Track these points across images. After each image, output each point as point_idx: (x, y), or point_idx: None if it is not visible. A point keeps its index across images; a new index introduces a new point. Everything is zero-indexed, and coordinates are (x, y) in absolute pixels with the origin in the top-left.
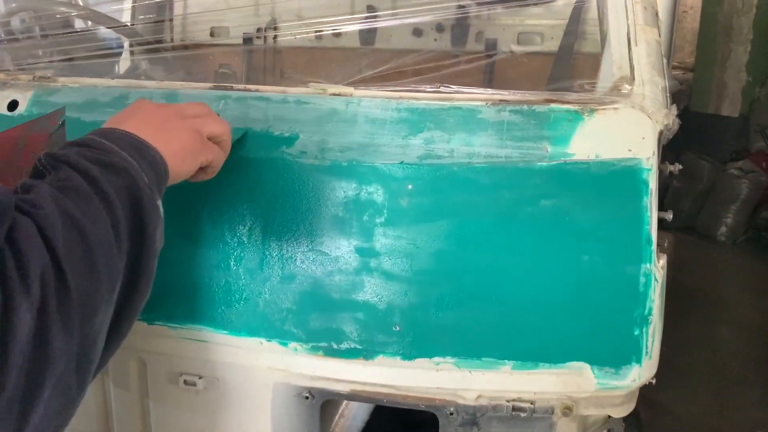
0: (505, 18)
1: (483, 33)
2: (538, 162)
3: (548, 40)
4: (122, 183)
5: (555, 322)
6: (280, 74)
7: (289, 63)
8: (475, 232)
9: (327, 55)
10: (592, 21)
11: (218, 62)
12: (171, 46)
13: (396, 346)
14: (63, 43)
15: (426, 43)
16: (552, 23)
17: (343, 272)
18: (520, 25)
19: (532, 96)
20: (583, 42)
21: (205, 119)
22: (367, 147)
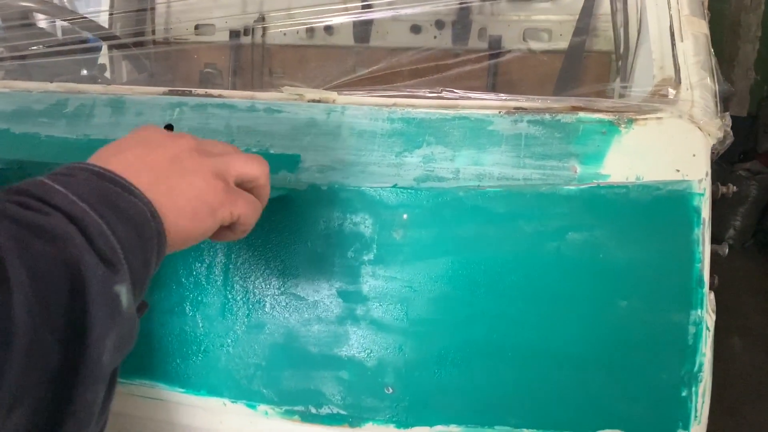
0: (510, 13)
1: (486, 30)
2: (564, 185)
3: (557, 37)
4: (57, 256)
5: (584, 382)
6: (269, 73)
7: (279, 62)
8: (486, 273)
9: (319, 53)
10: (603, 16)
11: (203, 61)
12: (152, 43)
13: (389, 411)
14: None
15: (425, 40)
16: (561, 19)
17: (323, 321)
18: (526, 21)
19: (555, 103)
20: (595, 39)
21: (231, 157)
22: (353, 166)
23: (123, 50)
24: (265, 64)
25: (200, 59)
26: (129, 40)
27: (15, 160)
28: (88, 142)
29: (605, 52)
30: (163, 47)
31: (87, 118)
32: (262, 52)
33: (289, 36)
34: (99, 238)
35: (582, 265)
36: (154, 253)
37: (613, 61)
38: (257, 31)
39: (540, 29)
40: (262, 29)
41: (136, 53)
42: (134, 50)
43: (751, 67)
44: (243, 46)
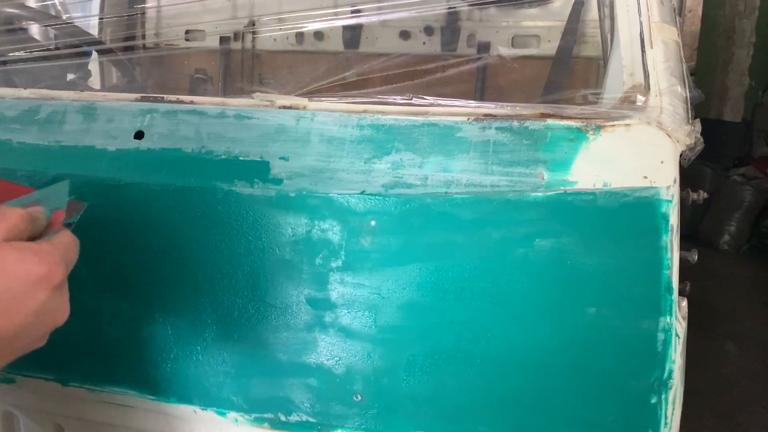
0: (498, 19)
1: (475, 35)
2: (532, 192)
3: (545, 42)
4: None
5: (554, 390)
6: (258, 79)
7: (269, 67)
8: (454, 279)
9: (308, 59)
10: (592, 23)
11: (194, 67)
12: (143, 48)
13: (358, 419)
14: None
15: (414, 46)
16: (549, 25)
17: (291, 328)
18: (514, 27)
19: (524, 110)
20: (584, 45)
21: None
22: (321, 173)
23: (109, 56)
24: (255, 70)
25: (190, 65)
26: (116, 45)
27: None
28: (60, 149)
29: (594, 57)
30: (152, 52)
31: (59, 125)
32: (252, 57)
33: (279, 42)
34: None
35: (550, 271)
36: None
37: (602, 67)
38: (247, 36)
39: (528, 35)
40: (252, 35)
41: (121, 59)
42: (120, 56)
43: (746, 73)
44: (233, 52)
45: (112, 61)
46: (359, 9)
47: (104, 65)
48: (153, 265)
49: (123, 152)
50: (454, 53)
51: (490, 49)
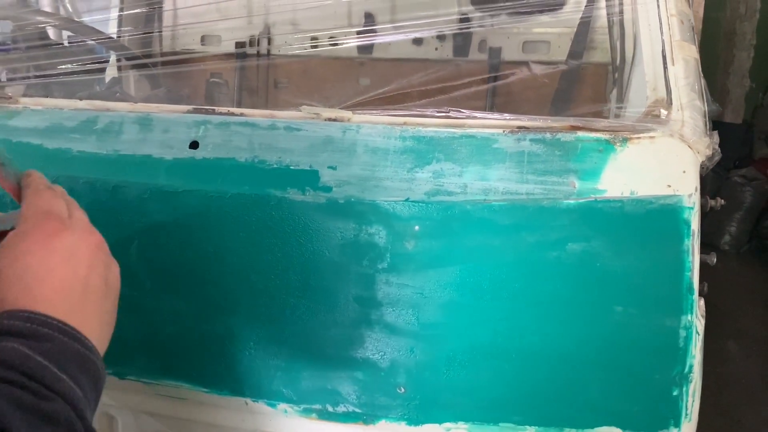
0: (509, 26)
1: (486, 41)
2: (564, 200)
3: (555, 49)
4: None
5: (583, 382)
6: (273, 84)
7: (284, 72)
8: (491, 280)
9: (323, 64)
10: (601, 29)
11: (209, 72)
12: (160, 54)
13: (400, 410)
14: (38, 58)
15: (426, 52)
16: (559, 31)
17: (339, 325)
18: (525, 33)
19: (556, 122)
20: (592, 51)
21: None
22: (368, 181)
23: (137, 66)
24: (270, 75)
25: (206, 70)
26: (139, 52)
27: (48, 174)
28: (118, 158)
29: (602, 63)
30: (170, 59)
31: (116, 135)
32: (267, 62)
33: (294, 46)
34: (86, 411)
35: (580, 273)
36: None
37: (610, 72)
38: (262, 41)
39: (539, 41)
40: (267, 41)
41: (152, 72)
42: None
43: (746, 75)
44: (248, 57)
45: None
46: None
47: (126, 74)
48: (209, 266)
49: (179, 161)
50: (465, 59)
51: (501, 54)
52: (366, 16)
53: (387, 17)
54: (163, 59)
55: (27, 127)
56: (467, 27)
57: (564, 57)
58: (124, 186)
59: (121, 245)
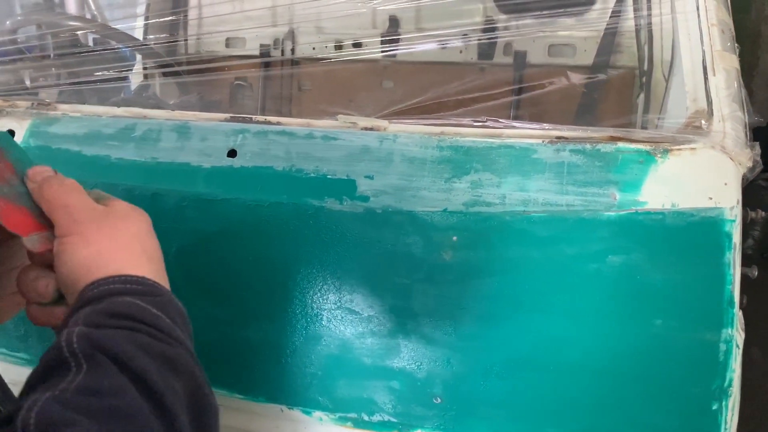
0: (535, 29)
1: (511, 45)
2: (605, 211)
3: (581, 52)
4: (187, 391)
5: (621, 396)
6: (297, 87)
7: (307, 75)
8: (530, 292)
9: (346, 66)
10: (628, 33)
11: (234, 74)
12: (185, 59)
13: (437, 420)
14: (72, 65)
15: (451, 55)
16: (585, 35)
17: (376, 334)
18: (551, 37)
19: (595, 133)
20: (618, 55)
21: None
22: (405, 191)
23: (166, 74)
24: (294, 77)
25: (231, 72)
26: (171, 60)
27: (87, 181)
28: (157, 165)
29: (629, 67)
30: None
31: (154, 142)
32: (291, 65)
33: (318, 49)
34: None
35: (620, 286)
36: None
37: (637, 77)
38: (287, 44)
39: (565, 45)
40: (291, 43)
41: (178, 76)
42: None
43: None
44: (272, 60)
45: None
46: (398, 29)
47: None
48: (247, 274)
49: (217, 169)
50: (490, 62)
51: (526, 58)
52: (390, 21)
53: (412, 21)
54: (188, 61)
55: (66, 134)
56: (493, 34)
57: (590, 61)
58: (163, 193)
59: None
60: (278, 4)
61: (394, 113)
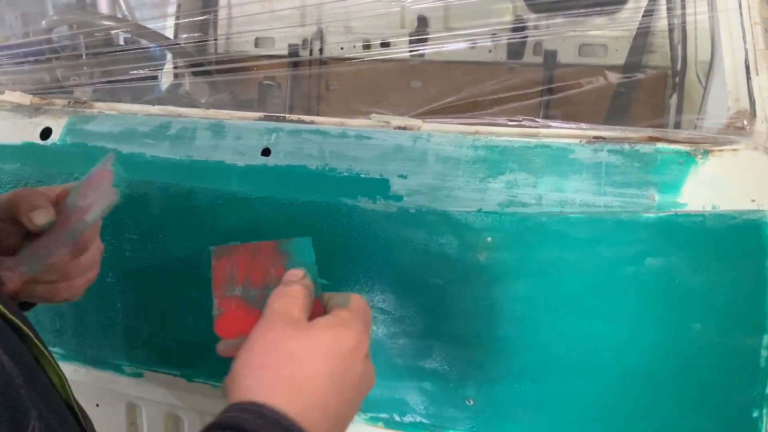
0: (565, 28)
1: (541, 44)
2: (643, 213)
3: (612, 52)
4: None
5: (658, 401)
6: (325, 86)
7: (335, 74)
8: (566, 294)
9: (374, 67)
10: (660, 33)
11: (263, 74)
12: (215, 58)
13: (469, 422)
14: (105, 63)
15: (479, 54)
16: (617, 35)
17: (407, 335)
18: (581, 36)
19: (633, 133)
20: (651, 55)
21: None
22: (438, 191)
23: (196, 73)
24: (321, 77)
25: (259, 72)
26: (203, 59)
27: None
28: (191, 163)
29: (662, 67)
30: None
31: (189, 141)
32: (319, 64)
33: (346, 48)
34: None
35: (658, 289)
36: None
37: (669, 77)
38: (315, 43)
39: (596, 44)
40: (320, 43)
41: (208, 75)
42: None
43: None
44: (300, 60)
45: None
46: (426, 20)
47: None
48: None
49: (252, 168)
50: (519, 62)
51: (556, 57)
52: (419, 20)
53: (440, 20)
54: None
55: (102, 132)
56: (523, 33)
57: (621, 61)
58: (197, 191)
59: (193, 250)
60: (307, 3)
61: (426, 113)
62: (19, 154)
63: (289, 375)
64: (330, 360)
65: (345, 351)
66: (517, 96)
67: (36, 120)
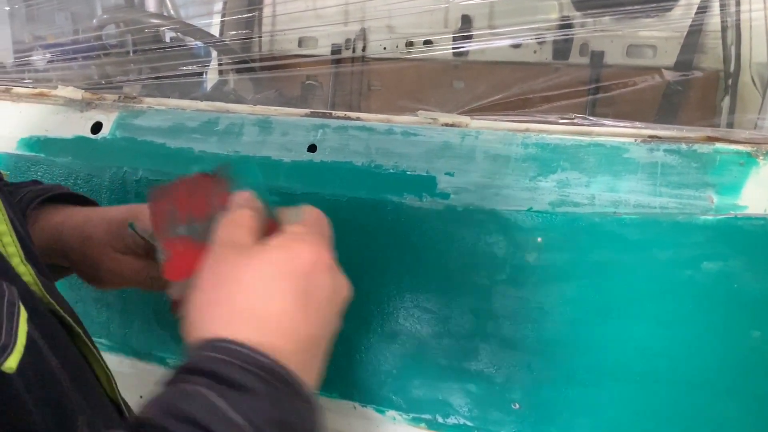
0: (613, 29)
1: (588, 45)
2: (701, 215)
3: (662, 53)
4: None
5: (711, 410)
6: (367, 87)
7: (377, 75)
8: (619, 298)
9: (417, 67)
10: (713, 33)
11: (306, 72)
12: (259, 57)
13: (514, 426)
14: (153, 60)
15: (524, 55)
16: (667, 35)
17: (453, 335)
18: (630, 37)
19: (691, 132)
20: (702, 56)
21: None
22: (487, 189)
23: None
24: (364, 78)
25: (303, 72)
26: (246, 56)
27: (171, 173)
28: (239, 158)
29: (713, 69)
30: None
31: (237, 136)
32: (361, 64)
33: (388, 49)
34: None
35: (715, 294)
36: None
37: (722, 79)
38: (358, 43)
39: (644, 45)
40: (363, 43)
41: (253, 73)
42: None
43: None
44: (343, 60)
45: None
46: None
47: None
48: None
49: (298, 164)
50: (565, 62)
51: (603, 58)
52: (463, 20)
53: (485, 20)
54: (261, 59)
55: (151, 127)
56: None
57: (671, 62)
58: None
59: None
60: (350, 1)
61: (472, 110)
62: (71, 148)
63: (247, 306)
64: (288, 281)
65: (303, 268)
66: (565, 94)
67: (87, 114)
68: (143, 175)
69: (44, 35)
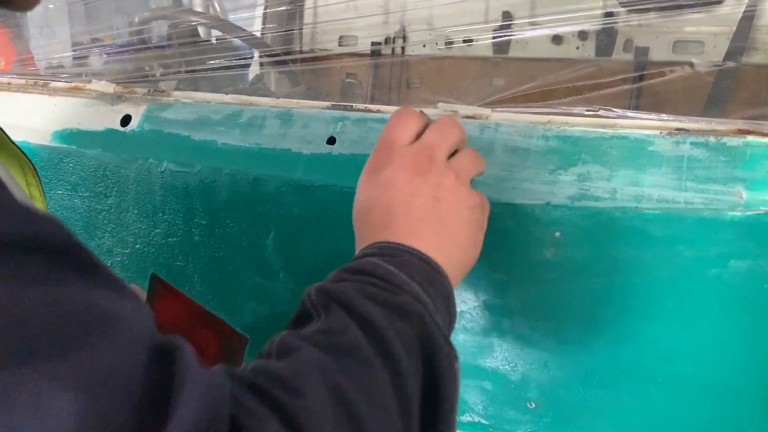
0: (659, 24)
1: (632, 41)
2: (729, 211)
3: (710, 49)
4: (414, 334)
5: (737, 416)
6: (406, 84)
7: (416, 72)
8: (640, 296)
9: (457, 64)
10: (764, 28)
11: (345, 72)
12: (300, 56)
13: (531, 426)
14: (190, 54)
15: (566, 51)
16: (715, 30)
17: (468, 331)
18: (676, 33)
19: (720, 125)
20: (752, 52)
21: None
22: (505, 182)
23: (277, 64)
24: (403, 75)
25: (342, 69)
26: (279, 49)
27: (194, 164)
28: (260, 151)
29: (764, 65)
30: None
31: (259, 129)
32: (400, 63)
33: (428, 47)
34: (435, 316)
35: (743, 294)
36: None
37: None
38: (397, 42)
39: (691, 41)
40: (402, 40)
41: (291, 69)
42: (289, 65)
43: None
44: (383, 57)
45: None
46: (511, 21)
47: (268, 71)
48: (342, 259)
49: (317, 156)
50: (608, 59)
51: (648, 54)
52: (503, 15)
53: (526, 15)
54: (302, 57)
55: (177, 119)
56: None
57: (719, 58)
58: (264, 178)
59: (258, 236)
60: None
61: (498, 101)
62: (101, 140)
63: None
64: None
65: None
66: (599, 85)
67: (117, 107)
68: (167, 167)
69: (101, 37)
